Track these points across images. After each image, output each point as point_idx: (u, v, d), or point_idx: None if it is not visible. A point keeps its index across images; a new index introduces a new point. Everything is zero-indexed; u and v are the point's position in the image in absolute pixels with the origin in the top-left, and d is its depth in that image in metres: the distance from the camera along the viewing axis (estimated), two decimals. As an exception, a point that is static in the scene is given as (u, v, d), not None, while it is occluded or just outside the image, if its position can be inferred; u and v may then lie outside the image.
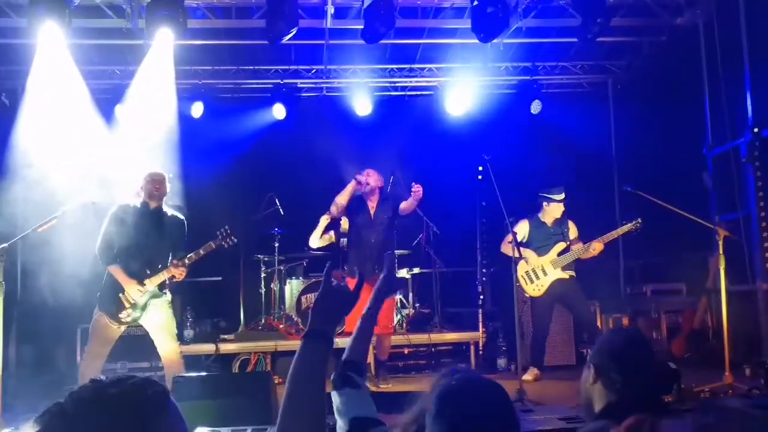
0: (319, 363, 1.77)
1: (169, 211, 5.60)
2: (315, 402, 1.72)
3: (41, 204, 6.03)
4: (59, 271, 6.67)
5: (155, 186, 5.47)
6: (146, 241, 5.40)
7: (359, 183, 6.81)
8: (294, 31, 6.51)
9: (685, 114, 7.53)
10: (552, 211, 6.83)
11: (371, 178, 6.90)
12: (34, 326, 7.02)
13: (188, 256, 5.47)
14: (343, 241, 7.20)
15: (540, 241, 6.84)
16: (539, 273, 6.78)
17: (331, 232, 7.53)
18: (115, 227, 5.36)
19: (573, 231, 6.86)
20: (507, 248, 6.75)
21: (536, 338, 6.96)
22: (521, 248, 6.59)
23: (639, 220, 6.44)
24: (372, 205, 6.94)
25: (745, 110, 6.69)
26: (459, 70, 8.47)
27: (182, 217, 5.70)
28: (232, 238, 5.59)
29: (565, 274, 6.75)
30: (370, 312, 2.38)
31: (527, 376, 6.56)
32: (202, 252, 5.51)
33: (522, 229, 6.90)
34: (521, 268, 6.73)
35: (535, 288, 6.81)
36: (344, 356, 2.24)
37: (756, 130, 6.58)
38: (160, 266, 5.42)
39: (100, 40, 7.41)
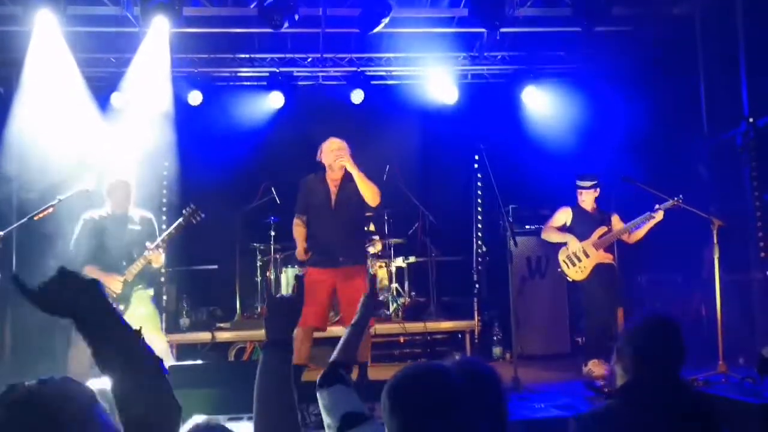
0: (282, 369, 1.81)
1: (136, 213, 5.67)
2: (285, 407, 1.76)
3: (37, 192, 6.04)
4: (55, 259, 6.67)
5: (123, 197, 5.61)
6: (119, 243, 5.52)
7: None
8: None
9: (682, 103, 7.54)
10: (586, 198, 6.65)
11: (345, 153, 5.85)
12: (29, 315, 7.01)
13: (161, 238, 5.54)
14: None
15: (583, 228, 6.61)
16: (581, 255, 6.52)
17: None
18: (86, 235, 5.50)
19: (617, 223, 6.63)
20: (549, 233, 6.70)
21: (592, 329, 6.51)
22: (561, 233, 6.58)
23: (680, 196, 6.22)
24: (334, 184, 5.97)
25: (741, 100, 6.71)
26: (455, 59, 8.45)
27: (149, 214, 5.83)
28: (199, 213, 5.65)
29: (608, 258, 6.54)
30: (358, 325, 2.43)
31: (595, 369, 6.21)
32: (173, 232, 5.60)
33: (565, 215, 6.70)
34: (562, 254, 6.58)
35: (577, 271, 6.52)
36: (332, 358, 2.28)
37: (751, 120, 6.59)
38: (136, 256, 5.49)
39: (96, 27, 7.37)
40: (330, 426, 2.05)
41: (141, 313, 5.54)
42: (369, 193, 5.83)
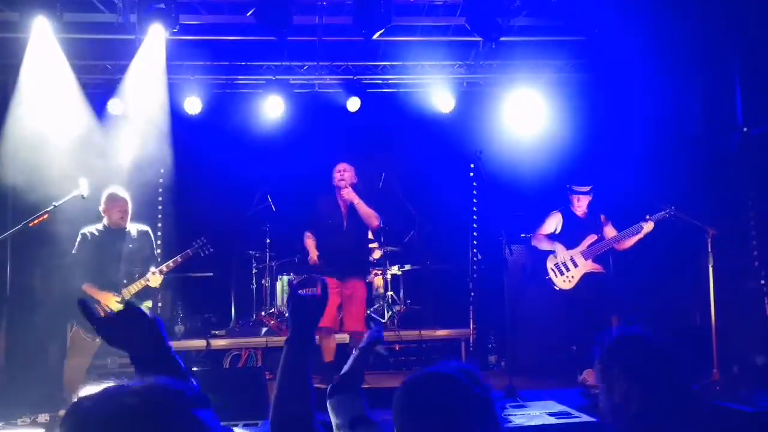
0: (303, 365, 1.83)
1: (134, 228, 5.68)
2: (303, 401, 1.78)
3: (32, 199, 6.03)
4: (49, 266, 6.67)
5: (120, 215, 5.63)
6: (117, 258, 5.57)
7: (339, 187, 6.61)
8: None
9: (677, 112, 7.56)
10: (579, 203, 6.67)
11: (347, 174, 6.65)
12: (24, 322, 7.00)
13: (166, 264, 5.63)
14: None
15: (573, 233, 6.63)
16: (569, 265, 6.56)
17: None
18: (84, 252, 5.55)
19: (609, 231, 6.65)
20: (539, 241, 6.72)
21: (584, 337, 6.34)
22: (551, 241, 6.61)
23: (672, 207, 6.31)
24: (344, 207, 6.67)
25: (736, 109, 6.73)
26: (451, 67, 8.48)
27: (147, 228, 5.87)
28: (209, 247, 5.78)
29: (597, 268, 6.56)
30: (364, 350, 2.46)
31: (590, 378, 6.04)
32: (179, 260, 5.71)
33: (555, 220, 6.74)
34: (550, 261, 6.60)
35: (565, 280, 6.55)
36: (343, 371, 2.34)
37: (745, 129, 6.62)
38: (137, 276, 5.54)
39: (92, 34, 7.37)
40: (338, 426, 2.09)
41: None
42: (368, 219, 6.63)
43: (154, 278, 5.56)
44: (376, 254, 8.43)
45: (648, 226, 6.30)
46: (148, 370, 1.58)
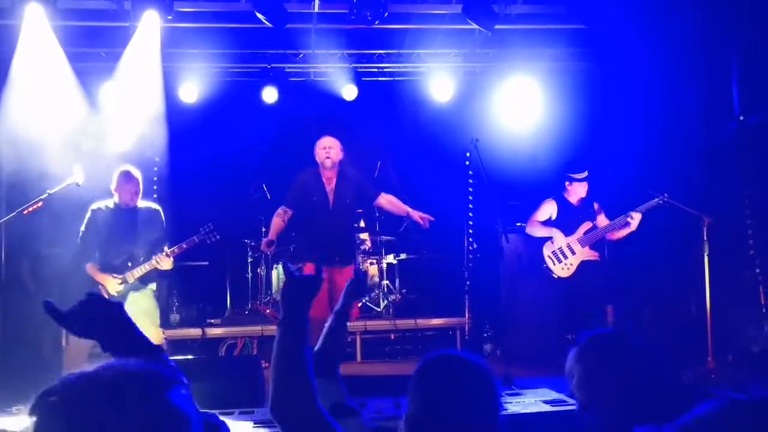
0: (297, 348, 1.80)
1: (144, 204, 5.64)
2: (302, 384, 1.75)
3: (26, 187, 6.00)
4: (44, 254, 6.64)
5: (130, 196, 5.55)
6: (126, 237, 5.53)
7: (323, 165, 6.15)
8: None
9: (673, 101, 7.55)
10: (575, 190, 6.60)
11: (333, 151, 6.11)
12: (18, 311, 6.97)
13: (171, 249, 5.55)
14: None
15: (567, 221, 6.58)
16: (566, 252, 6.53)
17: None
18: (93, 230, 5.51)
19: (602, 220, 6.64)
20: (534, 228, 6.69)
21: (580, 326, 6.31)
22: (547, 227, 6.57)
23: (665, 194, 6.27)
24: (330, 185, 6.21)
25: (732, 97, 6.73)
26: (447, 55, 8.44)
27: (157, 206, 5.80)
28: (215, 234, 5.70)
29: (594, 255, 6.54)
30: (341, 312, 2.43)
31: None
32: (185, 246, 5.64)
33: (549, 208, 6.69)
34: (547, 248, 6.56)
35: (563, 267, 6.52)
36: (316, 348, 2.28)
37: (742, 118, 6.62)
38: (142, 259, 5.48)
39: (86, 21, 7.32)
40: None
41: (139, 308, 5.52)
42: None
43: (165, 261, 5.50)
44: (367, 243, 8.41)
45: (636, 217, 6.25)
46: (122, 353, 1.57)
